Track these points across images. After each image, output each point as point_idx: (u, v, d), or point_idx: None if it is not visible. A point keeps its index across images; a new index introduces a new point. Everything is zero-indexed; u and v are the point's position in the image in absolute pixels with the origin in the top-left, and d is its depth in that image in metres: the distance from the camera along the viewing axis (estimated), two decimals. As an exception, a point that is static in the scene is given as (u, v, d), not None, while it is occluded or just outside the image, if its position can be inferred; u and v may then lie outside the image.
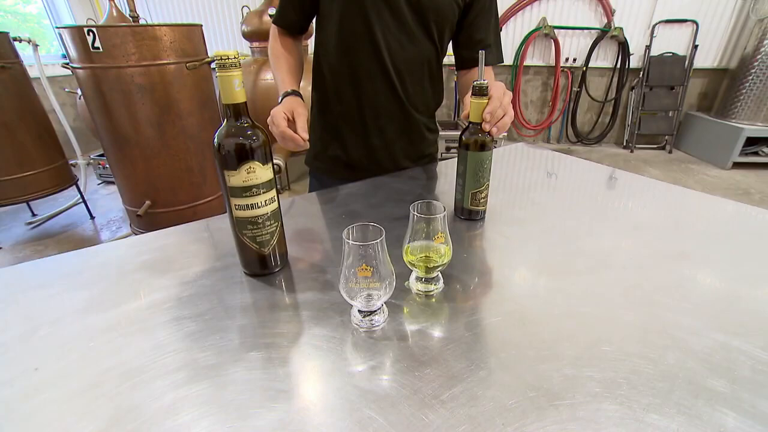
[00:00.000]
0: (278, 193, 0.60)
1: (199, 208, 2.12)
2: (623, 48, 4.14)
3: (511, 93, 0.88)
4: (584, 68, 4.25)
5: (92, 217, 2.91)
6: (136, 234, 2.30)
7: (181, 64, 1.88)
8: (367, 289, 0.48)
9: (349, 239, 0.46)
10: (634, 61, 4.20)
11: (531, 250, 0.69)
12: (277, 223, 0.60)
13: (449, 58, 1.00)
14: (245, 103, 0.53)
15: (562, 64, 4.25)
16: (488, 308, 0.54)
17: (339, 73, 0.93)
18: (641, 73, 4.18)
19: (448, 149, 4.01)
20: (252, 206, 0.56)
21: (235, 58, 0.51)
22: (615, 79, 4.32)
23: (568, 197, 0.92)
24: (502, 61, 1.01)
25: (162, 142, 1.93)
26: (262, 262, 0.61)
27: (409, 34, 0.88)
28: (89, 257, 0.69)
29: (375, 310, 0.51)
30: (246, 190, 0.55)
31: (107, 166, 3.49)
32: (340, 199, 0.91)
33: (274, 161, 2.68)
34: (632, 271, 0.62)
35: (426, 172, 1.14)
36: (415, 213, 0.55)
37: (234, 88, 0.52)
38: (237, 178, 0.54)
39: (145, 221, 2.08)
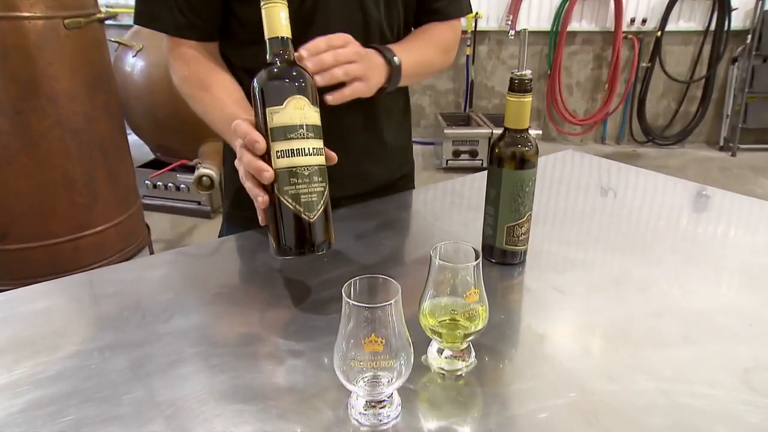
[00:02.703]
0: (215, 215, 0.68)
1: (84, 242, 2.10)
2: (720, 2, 4.33)
3: (363, 52, 0.86)
4: (659, 33, 4.44)
5: None
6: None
7: (57, 20, 1.91)
8: (375, 369, 0.51)
9: (350, 298, 0.50)
10: (738, 21, 4.40)
11: (594, 309, 0.74)
12: (324, 185, 0.71)
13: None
14: (291, 38, 0.72)
15: (624, 29, 4.45)
16: (540, 394, 0.58)
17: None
18: (749, 37, 4.36)
19: (456, 154, 4.13)
20: (297, 152, 0.68)
21: None
22: (706, 49, 4.51)
23: (640, 228, 1.00)
24: (470, 11, 1.09)
25: (23, 141, 1.93)
26: (305, 234, 0.70)
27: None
28: None
29: (384, 400, 0.54)
30: (291, 131, 0.67)
31: None
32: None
33: (204, 171, 2.72)
34: (754, 343, 0.67)
35: (433, 191, 1.20)
36: (438, 260, 0.59)
37: (281, 21, 0.70)
38: (282, 115, 0.67)
39: (-11, 264, 2.05)
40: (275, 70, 0.70)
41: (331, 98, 0.83)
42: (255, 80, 0.70)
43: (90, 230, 2.11)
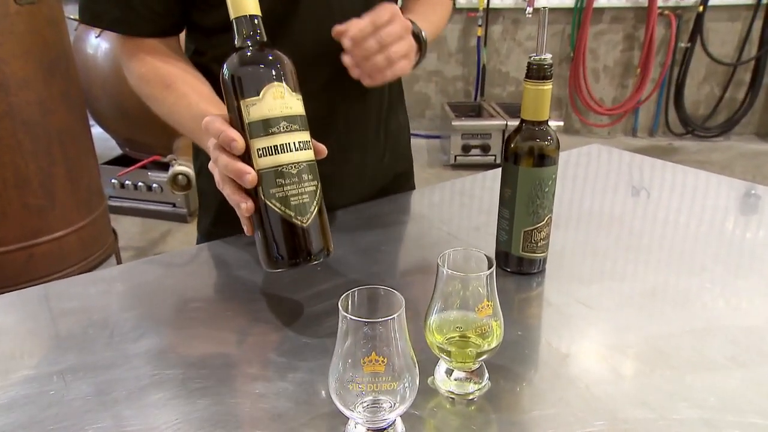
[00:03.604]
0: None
1: (39, 250, 2.10)
2: (772, -28, 4.29)
3: (409, 25, 0.87)
4: (700, 8, 4.43)
5: None
6: None
7: (6, -5, 1.91)
8: (375, 392, 0.51)
9: (348, 312, 0.50)
10: (792, -6, 4.32)
11: (626, 326, 0.74)
12: (316, 183, 0.71)
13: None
14: (261, 17, 0.71)
15: (660, 3, 4.43)
16: (563, 423, 0.58)
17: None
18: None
19: (466, 149, 4.15)
20: (281, 149, 0.67)
21: None
22: (757, 25, 4.47)
23: (678, 233, 1.00)
24: None
25: (-35, 134, 1.93)
26: (299, 241, 0.70)
27: None
28: None
29: (385, 428, 0.54)
30: (273, 124, 0.67)
31: None
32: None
33: (180, 168, 2.73)
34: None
35: (440, 191, 1.20)
36: (446, 269, 0.59)
37: None
38: (260, 107, 0.67)
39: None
40: (248, 54, 0.70)
41: (369, 81, 0.84)
42: (224, 69, 0.69)
43: (46, 237, 2.11)
